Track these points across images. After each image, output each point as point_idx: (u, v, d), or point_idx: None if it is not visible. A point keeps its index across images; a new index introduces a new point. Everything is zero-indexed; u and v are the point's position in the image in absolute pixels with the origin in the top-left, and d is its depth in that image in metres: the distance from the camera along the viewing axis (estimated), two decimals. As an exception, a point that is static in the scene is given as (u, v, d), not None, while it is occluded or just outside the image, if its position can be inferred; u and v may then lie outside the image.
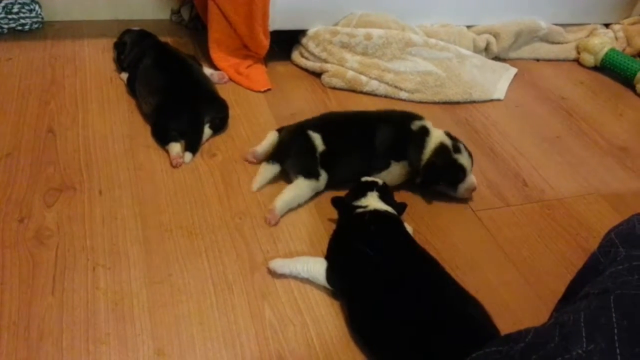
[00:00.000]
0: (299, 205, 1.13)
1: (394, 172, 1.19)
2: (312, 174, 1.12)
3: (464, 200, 1.22)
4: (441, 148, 1.17)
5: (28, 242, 0.97)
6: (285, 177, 1.17)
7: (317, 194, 1.16)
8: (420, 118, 1.22)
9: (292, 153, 1.14)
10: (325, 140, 1.14)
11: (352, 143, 1.18)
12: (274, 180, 1.17)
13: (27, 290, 0.88)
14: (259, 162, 1.21)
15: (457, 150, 1.18)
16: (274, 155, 1.17)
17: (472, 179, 1.19)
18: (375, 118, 1.24)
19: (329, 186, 1.16)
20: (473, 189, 1.20)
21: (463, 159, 1.17)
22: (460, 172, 1.17)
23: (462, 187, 1.19)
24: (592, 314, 0.60)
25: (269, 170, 1.15)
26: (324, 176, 1.13)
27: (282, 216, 1.09)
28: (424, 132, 1.19)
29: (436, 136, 1.18)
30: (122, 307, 0.88)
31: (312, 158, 1.13)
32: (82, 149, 1.20)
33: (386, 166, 1.17)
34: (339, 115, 1.29)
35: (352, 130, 1.20)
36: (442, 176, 1.18)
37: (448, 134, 1.20)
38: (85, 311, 0.87)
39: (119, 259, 0.96)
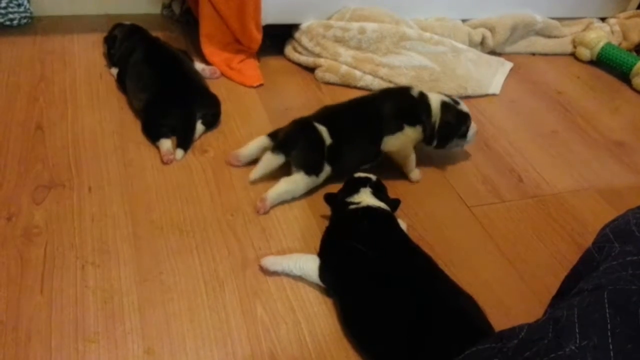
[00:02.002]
0: (293, 199, 1.12)
1: (408, 136, 1.18)
2: (314, 171, 1.11)
3: (459, 195, 1.21)
4: (445, 105, 1.22)
5: (16, 240, 0.95)
6: (283, 169, 1.13)
7: (311, 190, 1.14)
8: (412, 87, 1.25)
9: (299, 145, 1.11)
10: (331, 133, 1.12)
11: (358, 128, 1.17)
12: (274, 173, 1.12)
13: (16, 289, 0.87)
14: (243, 165, 1.18)
15: (456, 102, 1.25)
16: (279, 145, 1.11)
17: (472, 123, 1.27)
18: (375, 97, 1.25)
19: (330, 179, 1.15)
20: (476, 131, 1.29)
21: (464, 106, 1.26)
22: (468, 119, 1.25)
23: (470, 134, 1.26)
24: (586, 309, 0.60)
25: (272, 161, 1.10)
26: (326, 171, 1.12)
27: (272, 207, 1.09)
28: (424, 96, 1.22)
29: (434, 98, 1.23)
30: (111, 306, 0.87)
31: (319, 152, 1.11)
32: (71, 145, 1.18)
33: (399, 128, 1.17)
34: (339, 106, 1.25)
35: (356, 115, 1.19)
36: (456, 130, 1.23)
37: (439, 93, 1.26)
38: (74, 310, 0.85)
39: (109, 257, 0.95)
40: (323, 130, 1.12)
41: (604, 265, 0.68)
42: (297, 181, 1.10)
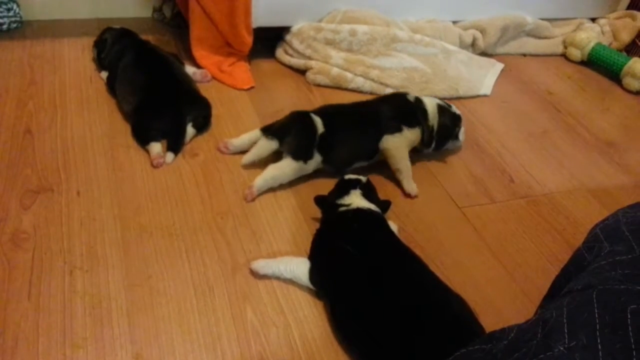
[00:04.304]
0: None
1: (406, 137, 1.21)
2: (302, 156, 1.12)
3: (449, 196, 1.21)
4: (440, 109, 1.26)
5: (4, 246, 0.94)
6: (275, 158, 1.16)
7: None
8: (408, 93, 1.29)
9: (292, 131, 1.14)
10: (325, 123, 1.15)
11: (354, 123, 1.20)
12: (265, 161, 1.16)
13: (3, 295, 0.86)
14: (231, 153, 1.22)
15: (448, 105, 1.30)
16: (274, 132, 1.15)
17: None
18: (374, 100, 1.28)
19: (322, 175, 1.17)
20: (464, 131, 1.35)
21: (455, 109, 1.31)
22: (460, 121, 1.31)
23: (461, 134, 1.32)
24: (575, 309, 0.59)
25: (265, 146, 1.14)
26: (316, 159, 1.14)
27: (260, 194, 1.12)
28: (420, 101, 1.26)
29: (429, 101, 1.27)
30: (99, 311, 0.86)
31: (310, 138, 1.13)
32: (60, 149, 1.17)
33: (398, 130, 1.19)
34: (339, 105, 1.30)
35: (354, 113, 1.23)
36: (452, 131, 1.29)
37: (432, 97, 1.31)
38: (62, 315, 0.85)
39: (97, 262, 0.94)
40: (317, 120, 1.15)
41: (593, 265, 0.68)
42: (284, 167, 1.12)
